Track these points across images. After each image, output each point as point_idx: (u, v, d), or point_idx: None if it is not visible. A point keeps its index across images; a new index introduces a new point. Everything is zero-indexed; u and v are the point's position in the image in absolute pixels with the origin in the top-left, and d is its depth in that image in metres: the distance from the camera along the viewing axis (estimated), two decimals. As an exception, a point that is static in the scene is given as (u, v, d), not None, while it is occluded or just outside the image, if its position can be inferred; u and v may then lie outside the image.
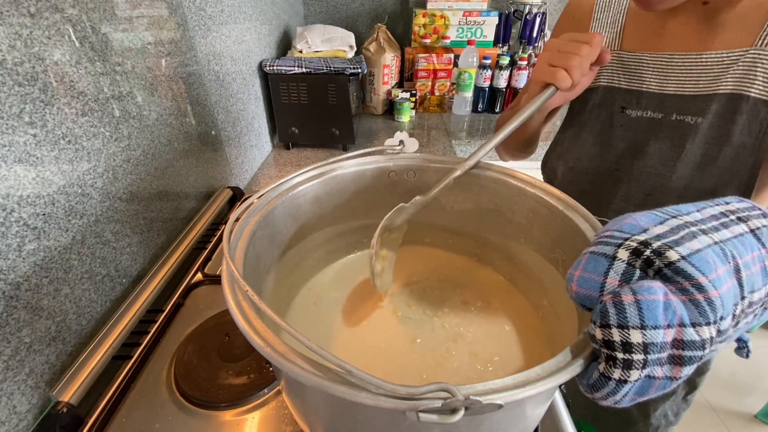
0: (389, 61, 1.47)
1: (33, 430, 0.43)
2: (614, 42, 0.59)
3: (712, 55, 0.50)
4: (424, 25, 1.55)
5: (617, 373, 0.23)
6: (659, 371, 0.23)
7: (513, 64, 1.52)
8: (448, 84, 1.56)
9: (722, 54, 0.49)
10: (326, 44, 1.26)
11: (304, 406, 0.36)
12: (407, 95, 1.49)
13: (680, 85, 0.52)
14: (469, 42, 1.50)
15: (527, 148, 0.71)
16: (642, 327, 0.22)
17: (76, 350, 0.49)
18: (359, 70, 1.11)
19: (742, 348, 0.29)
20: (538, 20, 1.56)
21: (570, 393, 0.50)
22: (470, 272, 0.55)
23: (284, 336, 0.27)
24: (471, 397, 0.22)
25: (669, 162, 0.53)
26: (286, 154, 1.23)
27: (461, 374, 0.42)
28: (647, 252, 0.25)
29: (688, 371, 0.23)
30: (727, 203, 0.29)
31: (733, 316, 0.24)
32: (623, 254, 0.25)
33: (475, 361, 0.43)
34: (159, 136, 0.65)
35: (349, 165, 0.50)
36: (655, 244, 0.25)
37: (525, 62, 1.50)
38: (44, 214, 0.44)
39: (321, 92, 1.13)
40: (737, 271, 0.24)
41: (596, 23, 0.61)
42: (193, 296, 0.63)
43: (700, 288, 0.23)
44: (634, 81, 0.56)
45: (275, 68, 1.10)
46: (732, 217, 0.27)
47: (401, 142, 0.51)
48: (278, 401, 0.47)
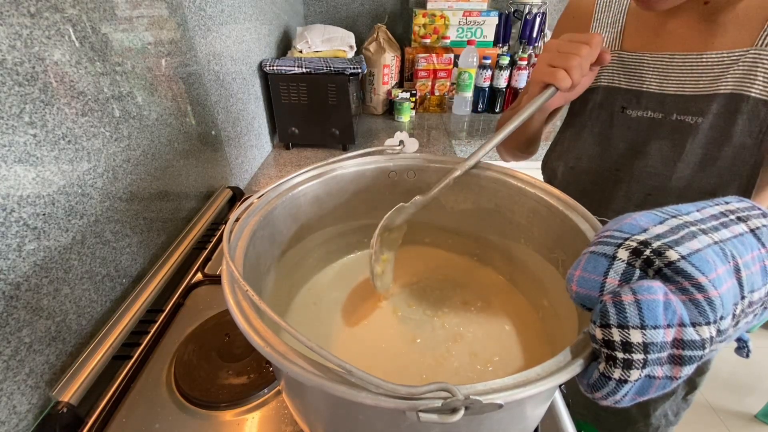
0: (389, 61, 1.47)
1: (33, 430, 0.43)
2: (614, 42, 0.59)
3: (713, 55, 0.50)
4: (424, 25, 1.55)
5: (617, 373, 0.23)
6: (659, 371, 0.23)
7: (513, 64, 1.52)
8: (448, 84, 1.56)
9: (722, 54, 0.49)
10: (326, 44, 1.26)
11: (304, 406, 0.36)
12: (407, 95, 1.49)
13: (680, 85, 0.52)
14: (469, 42, 1.50)
15: (528, 149, 0.71)
16: (642, 327, 0.22)
17: (76, 350, 0.49)
18: (359, 70, 1.11)
19: (742, 348, 0.29)
20: (538, 20, 1.56)
21: (570, 393, 0.50)
22: (470, 272, 0.55)
23: (284, 336, 0.27)
24: (471, 397, 0.22)
25: (669, 162, 0.53)
26: (286, 154, 1.23)
27: (461, 374, 0.42)
28: (647, 252, 0.25)
29: (688, 371, 0.23)
30: (727, 203, 0.29)
31: (733, 316, 0.24)
32: (623, 254, 0.25)
33: (475, 361, 0.43)
34: (159, 136, 0.65)
35: (349, 165, 0.50)
36: (655, 244, 0.25)
37: (525, 62, 1.50)
38: (44, 214, 0.44)
39: (321, 92, 1.13)
40: (737, 271, 0.24)
41: (596, 23, 0.61)
42: (193, 296, 0.63)
43: (700, 288, 0.23)
44: (635, 81, 0.56)
45: (275, 68, 1.10)
46: (732, 217, 0.27)
47: (401, 142, 0.51)
48: (278, 401, 0.47)
